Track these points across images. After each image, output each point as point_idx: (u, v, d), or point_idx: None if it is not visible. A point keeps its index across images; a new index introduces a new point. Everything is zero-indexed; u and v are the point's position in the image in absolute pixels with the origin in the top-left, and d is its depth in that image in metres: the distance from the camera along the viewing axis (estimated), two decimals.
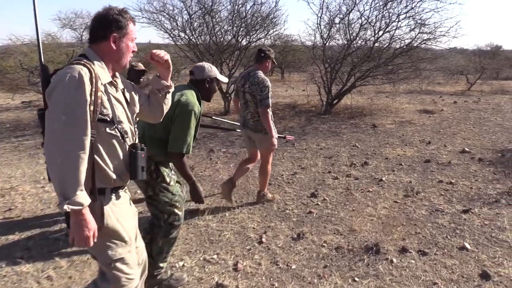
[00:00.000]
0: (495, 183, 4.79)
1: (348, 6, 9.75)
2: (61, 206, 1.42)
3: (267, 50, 3.94)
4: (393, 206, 4.11)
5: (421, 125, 8.56)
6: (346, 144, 6.82)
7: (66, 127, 1.45)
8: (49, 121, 1.48)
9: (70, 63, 1.58)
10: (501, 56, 22.80)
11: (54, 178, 1.45)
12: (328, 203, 4.20)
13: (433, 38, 9.58)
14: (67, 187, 1.43)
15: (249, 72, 3.93)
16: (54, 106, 1.49)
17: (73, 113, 1.47)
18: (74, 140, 1.46)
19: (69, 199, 1.42)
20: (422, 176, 5.08)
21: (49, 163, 1.47)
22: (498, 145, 6.78)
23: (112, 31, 1.64)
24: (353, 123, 8.77)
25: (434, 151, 6.34)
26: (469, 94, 14.31)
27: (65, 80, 1.49)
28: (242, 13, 9.67)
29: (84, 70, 1.53)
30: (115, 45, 1.66)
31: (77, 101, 1.49)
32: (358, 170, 5.37)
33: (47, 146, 1.47)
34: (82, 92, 1.49)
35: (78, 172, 1.45)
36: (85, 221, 1.50)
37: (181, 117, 2.46)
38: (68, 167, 1.44)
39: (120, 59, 1.70)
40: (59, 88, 1.49)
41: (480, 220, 3.77)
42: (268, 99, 3.74)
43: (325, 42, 10.11)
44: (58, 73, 1.57)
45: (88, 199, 1.50)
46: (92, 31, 1.68)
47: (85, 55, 1.64)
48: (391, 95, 13.41)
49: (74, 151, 1.45)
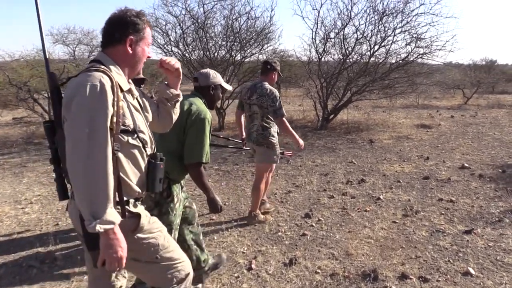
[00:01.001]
0: (497, 201, 4.58)
1: (343, 20, 9.67)
2: (91, 227, 1.32)
3: (273, 62, 3.91)
4: (391, 227, 3.90)
5: (418, 140, 8.39)
6: (343, 161, 6.63)
7: (91, 140, 1.35)
8: (71, 135, 1.37)
9: (88, 69, 1.46)
10: (496, 70, 22.84)
11: (81, 197, 1.35)
12: (323, 224, 3.98)
13: (429, 52, 9.52)
14: (97, 205, 1.34)
15: (255, 84, 3.89)
16: (75, 118, 1.37)
17: (98, 125, 1.37)
18: (101, 154, 1.36)
19: (100, 218, 1.33)
20: (421, 194, 4.88)
21: (74, 180, 1.36)
22: (498, 160, 6.60)
23: (129, 34, 1.54)
24: (350, 138, 8.60)
25: (433, 167, 6.15)
26: (466, 108, 14.21)
27: (85, 89, 1.37)
28: (236, 28, 9.57)
29: (105, 78, 1.42)
30: (131, 49, 1.56)
31: (101, 112, 1.38)
32: (355, 188, 5.16)
33: (71, 162, 1.36)
34: (105, 102, 1.40)
35: (107, 189, 1.36)
36: (117, 241, 1.40)
37: (195, 127, 2.39)
38: (96, 183, 1.35)
39: (135, 65, 1.61)
40: (79, 98, 1.37)
41: (483, 241, 3.55)
42: (282, 108, 3.74)
43: (320, 57, 10.02)
44: (74, 81, 1.45)
45: (119, 216, 1.41)
46: (107, 34, 1.57)
47: (99, 60, 1.53)
48: (387, 109, 13.30)
49: (101, 166, 1.36)
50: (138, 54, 1.59)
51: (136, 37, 1.56)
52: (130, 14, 1.55)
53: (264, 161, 3.91)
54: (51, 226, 3.98)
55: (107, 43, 1.57)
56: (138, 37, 1.57)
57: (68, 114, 1.38)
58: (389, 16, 9.37)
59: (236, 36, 9.60)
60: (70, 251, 3.40)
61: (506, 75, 21.50)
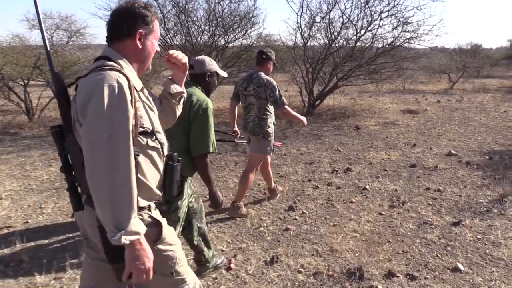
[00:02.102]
0: (485, 190, 4.48)
1: (329, 4, 9.43)
2: (116, 239, 1.23)
3: (268, 52, 3.83)
4: (377, 219, 3.75)
5: (405, 126, 8.28)
6: (328, 148, 6.47)
7: (112, 146, 1.25)
8: (89, 141, 1.27)
9: (100, 68, 1.34)
10: (482, 54, 22.89)
11: (103, 207, 1.25)
12: (307, 217, 3.82)
13: (416, 36, 9.35)
14: (121, 215, 1.25)
15: (251, 74, 3.82)
16: (93, 122, 1.26)
17: (118, 130, 1.27)
18: (123, 161, 1.27)
19: (124, 229, 1.24)
20: (408, 183, 4.75)
21: (95, 190, 1.26)
22: (484, 146, 6.53)
23: (138, 27, 1.43)
24: (336, 125, 8.44)
25: (420, 154, 6.04)
26: (452, 93, 14.17)
27: (102, 91, 1.27)
28: (219, 12, 9.23)
29: (122, 77, 1.32)
30: (140, 43, 1.45)
31: (121, 115, 1.29)
32: (340, 177, 5.01)
33: (91, 171, 1.26)
34: (125, 104, 1.30)
35: (131, 197, 1.28)
36: (144, 251, 1.31)
37: (199, 118, 2.35)
38: (119, 192, 1.26)
39: (145, 60, 1.50)
40: (96, 101, 1.26)
41: (472, 233, 3.44)
42: (282, 97, 3.72)
43: (305, 42, 9.78)
44: (87, 82, 1.33)
45: (144, 226, 1.32)
46: (113, 27, 1.45)
47: (108, 57, 1.41)
48: (374, 94, 13.17)
49: (124, 174, 1.27)
50: (147, 48, 1.48)
51: (145, 30, 1.45)
52: (139, 6, 1.44)
53: (258, 151, 3.87)
54: (20, 224, 3.73)
55: (114, 38, 1.45)
56: (147, 30, 1.46)
57: (84, 119, 1.28)
58: (376, 0, 9.15)
59: (219, 20, 9.26)
60: (38, 253, 3.17)
61: (491, 59, 21.55)
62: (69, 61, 10.35)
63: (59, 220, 3.85)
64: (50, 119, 9.25)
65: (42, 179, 5.05)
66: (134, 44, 1.44)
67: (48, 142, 6.99)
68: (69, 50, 11.92)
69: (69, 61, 10.14)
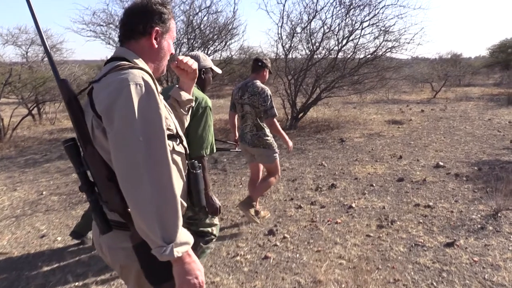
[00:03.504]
0: (477, 204, 4.23)
1: (310, 14, 9.27)
2: (167, 253, 1.10)
3: (264, 59, 3.79)
4: (365, 242, 3.44)
5: (390, 137, 8.06)
6: (312, 163, 6.17)
7: (149, 150, 1.12)
8: (122, 147, 1.12)
9: (120, 68, 1.20)
10: (462, 63, 23.17)
11: (148, 220, 1.10)
12: (288, 242, 3.48)
13: (398, 46, 9.25)
14: (169, 226, 1.12)
15: (247, 82, 3.75)
16: (124, 126, 1.12)
17: (154, 130, 1.15)
18: (164, 164, 1.15)
19: (174, 241, 1.12)
20: (396, 199, 4.47)
21: (135, 202, 1.10)
22: (472, 156, 6.32)
23: (155, 25, 1.32)
24: (320, 138, 8.18)
25: (407, 167, 5.79)
26: (435, 102, 14.13)
27: (129, 91, 1.14)
28: (197, 24, 8.96)
29: (146, 75, 1.21)
30: (156, 43, 1.34)
31: (154, 115, 1.17)
32: (325, 195, 4.70)
33: (129, 180, 1.11)
34: (157, 103, 1.18)
35: (176, 204, 1.15)
36: (194, 264, 1.18)
37: (197, 117, 2.27)
38: (165, 200, 1.12)
39: (161, 61, 1.38)
40: (123, 102, 1.13)
41: (468, 255, 3.15)
42: (274, 108, 3.63)
43: (287, 53, 9.57)
44: (107, 84, 1.18)
45: (191, 235, 1.19)
46: (128, 26, 1.33)
47: (122, 57, 1.28)
48: (358, 105, 13.01)
49: (167, 178, 1.14)
50: (164, 48, 1.37)
51: (162, 28, 1.34)
52: (156, 2, 1.33)
53: (267, 162, 3.83)
54: None
55: (128, 37, 1.33)
56: (164, 28, 1.35)
57: (111, 124, 1.13)
58: (356, 9, 9.04)
59: (197, 32, 9.00)
60: None
61: (472, 67, 21.78)
62: (44, 77, 9.94)
63: (14, 253, 3.44)
64: (22, 138, 8.81)
65: (3, 206, 4.63)
66: (150, 43, 1.33)
67: (17, 164, 6.56)
68: (45, 65, 11.49)
69: (44, 77, 9.73)
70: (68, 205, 4.64)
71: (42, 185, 5.43)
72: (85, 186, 1.24)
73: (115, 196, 1.17)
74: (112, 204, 1.20)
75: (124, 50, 1.32)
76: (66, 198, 4.88)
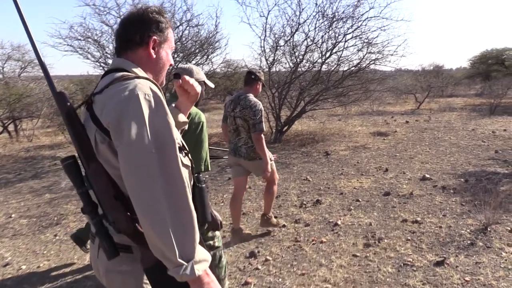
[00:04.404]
0: (465, 218, 4.10)
1: (292, 27, 9.21)
2: (188, 272, 1.02)
3: (257, 72, 3.73)
4: (352, 263, 3.26)
5: (376, 149, 7.96)
6: (297, 178, 6.00)
7: (163, 163, 1.06)
8: (133, 161, 1.04)
9: (124, 78, 1.16)
10: (444, 74, 23.53)
11: (165, 238, 1.01)
12: (271, 265, 3.28)
13: (381, 58, 9.24)
14: (187, 244, 1.04)
15: (239, 95, 3.67)
16: (135, 139, 1.05)
17: (166, 142, 1.09)
18: (178, 177, 1.08)
19: (193, 259, 1.04)
20: (383, 215, 4.31)
21: (151, 221, 1.02)
22: (458, 167, 6.24)
23: (153, 34, 1.28)
24: (305, 151, 8.03)
25: (393, 180, 5.66)
26: (419, 113, 14.19)
27: (138, 102, 1.08)
28: (178, 37, 8.81)
29: (153, 86, 1.16)
30: (154, 52, 1.30)
31: (165, 126, 1.11)
32: (309, 211, 4.52)
33: (141, 197, 1.03)
34: (166, 114, 1.12)
35: (193, 221, 1.08)
36: (213, 283, 1.10)
37: (191, 133, 2.19)
38: (182, 216, 1.05)
39: (160, 71, 1.34)
40: (133, 114, 1.07)
41: (459, 275, 2.99)
42: (262, 123, 3.55)
43: (270, 66, 9.48)
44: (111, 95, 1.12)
45: (207, 252, 1.13)
46: (124, 36, 1.29)
47: (122, 68, 1.23)
48: (343, 117, 12.97)
49: (181, 193, 1.07)
50: (162, 58, 1.32)
51: (159, 37, 1.30)
52: (152, 11, 1.29)
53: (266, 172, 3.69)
54: None
55: (125, 48, 1.28)
56: (161, 37, 1.31)
57: (120, 137, 1.06)
58: (339, 21, 9.02)
59: (178, 45, 8.84)
60: None
61: (454, 78, 22.12)
62: (20, 93, 9.64)
63: None
64: None
65: None
66: (147, 53, 1.28)
67: None
68: (22, 81, 11.18)
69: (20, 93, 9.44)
70: (37, 228, 4.35)
71: (12, 207, 5.13)
72: (88, 207, 1.14)
73: (124, 216, 1.10)
74: (120, 224, 1.11)
75: (123, 60, 1.27)
76: (36, 221, 4.59)
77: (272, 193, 3.91)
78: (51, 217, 4.71)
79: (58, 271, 3.37)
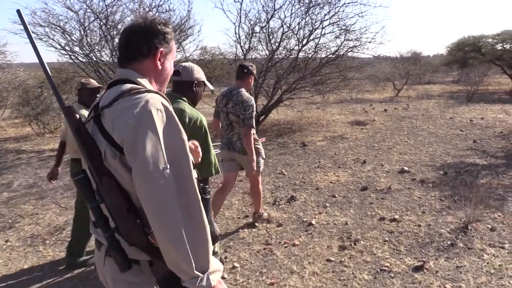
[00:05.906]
0: (445, 215, 3.91)
1: (268, 13, 8.85)
2: (204, 283, 1.07)
3: (249, 66, 3.64)
4: (325, 269, 3.01)
5: (354, 139, 7.76)
6: (272, 172, 5.73)
7: (178, 177, 1.08)
8: (149, 177, 1.05)
9: (134, 92, 1.15)
10: (422, 61, 23.59)
11: (182, 251, 1.05)
12: (238, 273, 3.00)
13: (359, 45, 9.00)
14: (202, 255, 1.09)
15: (231, 90, 3.59)
16: (150, 155, 1.05)
17: (181, 158, 1.11)
18: (193, 192, 1.11)
19: (208, 269, 1.10)
20: (360, 212, 4.09)
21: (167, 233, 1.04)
22: (436, 159, 6.09)
23: (160, 45, 1.26)
24: (281, 142, 7.76)
25: (371, 173, 5.46)
26: (398, 100, 14.11)
27: (151, 117, 1.08)
28: None
29: (164, 100, 1.17)
30: (160, 63, 1.28)
31: (179, 141, 1.13)
32: (283, 209, 4.26)
33: (157, 212, 1.04)
34: (179, 128, 1.14)
35: (206, 232, 1.12)
36: None
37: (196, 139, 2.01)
38: (196, 229, 1.09)
39: (164, 82, 1.33)
40: (147, 129, 1.07)
41: (439, 281, 2.78)
42: (252, 119, 3.49)
43: (245, 54, 9.11)
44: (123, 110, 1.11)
45: (219, 261, 1.20)
46: (131, 47, 1.25)
47: (128, 79, 1.22)
48: (321, 106, 12.75)
49: (195, 206, 1.11)
50: (166, 69, 1.32)
51: (166, 49, 1.28)
52: (159, 22, 1.27)
53: (252, 171, 3.64)
54: None
55: (130, 59, 1.25)
56: (167, 49, 1.29)
57: (134, 153, 1.06)
58: (316, 7, 8.72)
59: None
60: None
61: (432, 65, 22.19)
62: None
63: None
64: None
65: None
66: (154, 64, 1.28)
67: None
68: None
69: None
70: None
71: None
72: (101, 221, 1.15)
73: (137, 229, 1.11)
74: (132, 237, 1.13)
75: (127, 71, 1.26)
76: None
77: (258, 193, 3.90)
78: (6, 219, 4.31)
79: (5, 282, 3.02)
